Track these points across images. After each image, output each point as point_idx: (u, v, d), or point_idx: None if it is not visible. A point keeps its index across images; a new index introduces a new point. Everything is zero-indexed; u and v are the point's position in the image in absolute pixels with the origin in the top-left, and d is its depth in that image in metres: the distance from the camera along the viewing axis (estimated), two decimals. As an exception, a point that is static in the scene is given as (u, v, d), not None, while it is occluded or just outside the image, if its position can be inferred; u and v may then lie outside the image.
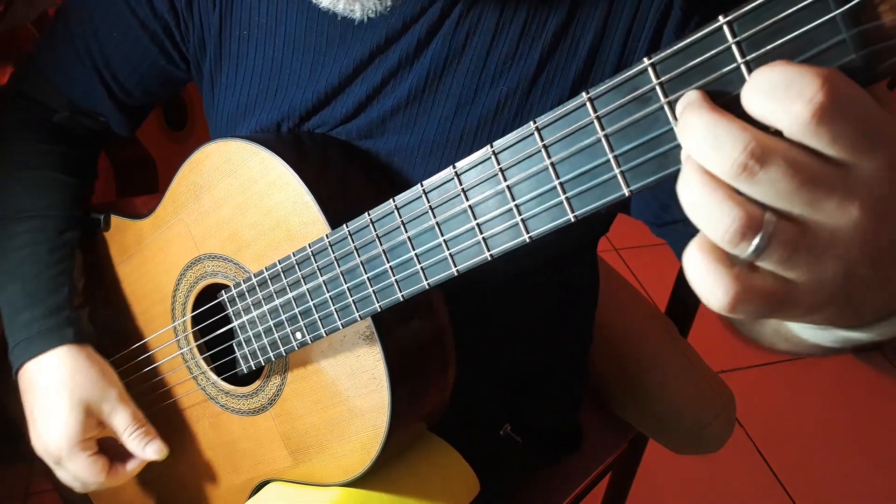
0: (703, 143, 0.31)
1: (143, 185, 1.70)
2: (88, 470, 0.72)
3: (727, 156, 0.31)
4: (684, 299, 1.10)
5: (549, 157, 0.39)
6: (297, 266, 0.59)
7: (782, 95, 0.30)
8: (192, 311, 0.74)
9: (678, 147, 0.35)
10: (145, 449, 0.73)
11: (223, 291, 0.68)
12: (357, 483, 0.69)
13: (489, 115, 0.62)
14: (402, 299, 0.52)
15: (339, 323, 0.58)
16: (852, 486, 1.69)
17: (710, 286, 0.32)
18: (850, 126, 0.30)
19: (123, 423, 0.73)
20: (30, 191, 0.79)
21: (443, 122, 0.63)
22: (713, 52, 0.33)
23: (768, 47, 0.32)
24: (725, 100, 0.33)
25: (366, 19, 0.59)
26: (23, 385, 0.75)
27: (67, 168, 0.81)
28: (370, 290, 0.54)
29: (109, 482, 0.74)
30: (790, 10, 0.31)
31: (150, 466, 0.87)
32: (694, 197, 0.32)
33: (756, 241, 0.31)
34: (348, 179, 0.64)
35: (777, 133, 0.31)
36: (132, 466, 0.75)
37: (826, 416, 1.85)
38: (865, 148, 0.31)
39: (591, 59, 0.58)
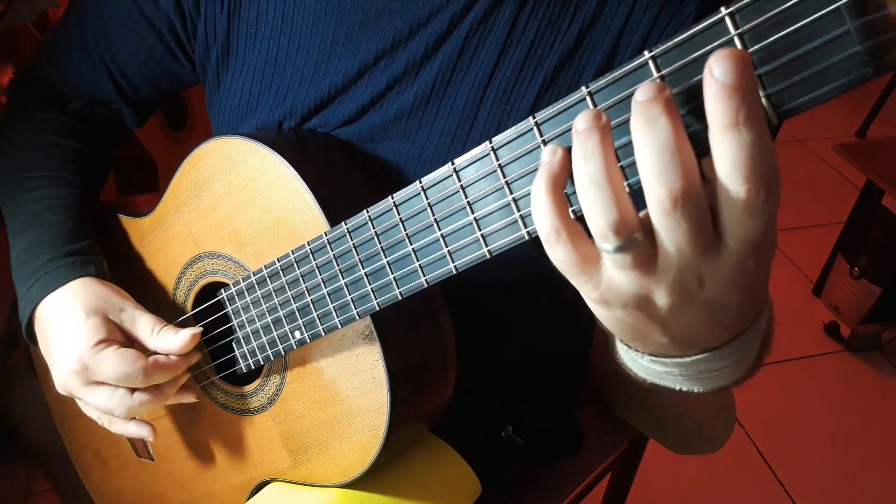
0: (657, 159, 0.33)
1: (143, 185, 1.70)
2: (122, 361, 0.64)
3: (667, 185, 0.33)
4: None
5: None
6: (295, 264, 0.58)
7: (745, 167, 0.32)
8: (193, 309, 0.74)
9: None
10: (178, 335, 0.67)
11: (223, 290, 0.68)
12: (356, 484, 0.68)
13: (489, 133, 0.61)
14: (400, 297, 0.52)
15: (337, 321, 0.57)
16: (852, 486, 1.68)
17: (546, 220, 0.37)
18: (764, 223, 0.34)
19: (148, 324, 0.68)
20: (50, 153, 0.79)
21: (444, 134, 0.63)
22: (715, 44, 0.32)
23: (771, 38, 0.31)
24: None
25: None
26: (38, 326, 0.71)
27: (85, 142, 0.82)
28: (368, 288, 0.53)
29: (154, 371, 0.65)
30: (793, 1, 0.30)
31: (151, 466, 0.87)
32: (596, 176, 0.35)
33: (619, 243, 0.35)
34: (348, 178, 0.64)
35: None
36: (170, 358, 0.67)
37: (826, 416, 1.85)
38: (755, 247, 0.35)
39: None
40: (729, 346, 0.44)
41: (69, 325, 0.67)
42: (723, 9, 0.32)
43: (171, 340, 0.67)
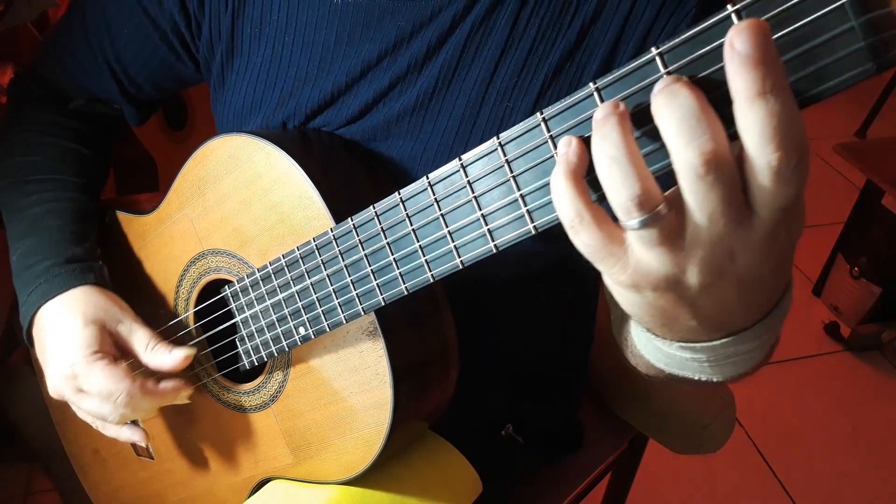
0: (683, 124, 0.33)
1: (143, 185, 1.70)
2: (109, 376, 0.65)
3: (698, 148, 0.33)
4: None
5: (556, 147, 0.39)
6: (301, 260, 0.59)
7: (775, 135, 0.32)
8: (195, 306, 0.74)
9: None
10: (172, 353, 0.67)
11: (226, 287, 0.68)
12: (358, 481, 0.69)
13: (492, 132, 0.62)
14: (406, 292, 0.52)
15: (342, 317, 0.57)
16: (852, 486, 1.69)
17: (568, 206, 0.37)
18: (795, 189, 0.33)
19: (143, 338, 0.69)
20: (51, 156, 0.79)
21: (447, 133, 0.63)
22: (722, 40, 0.33)
23: (776, 35, 0.32)
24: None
25: None
26: (37, 331, 0.71)
27: (86, 143, 0.82)
28: (374, 283, 0.54)
29: (140, 395, 0.66)
30: None
31: (150, 465, 0.87)
32: (615, 153, 0.35)
33: (644, 217, 0.35)
34: (353, 176, 0.64)
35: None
36: (165, 385, 0.68)
37: (826, 416, 1.85)
38: (786, 215, 0.34)
39: None
40: (759, 325, 0.43)
41: (66, 332, 0.68)
42: (729, 6, 0.32)
43: (164, 358, 0.68)
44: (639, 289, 0.39)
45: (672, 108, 0.33)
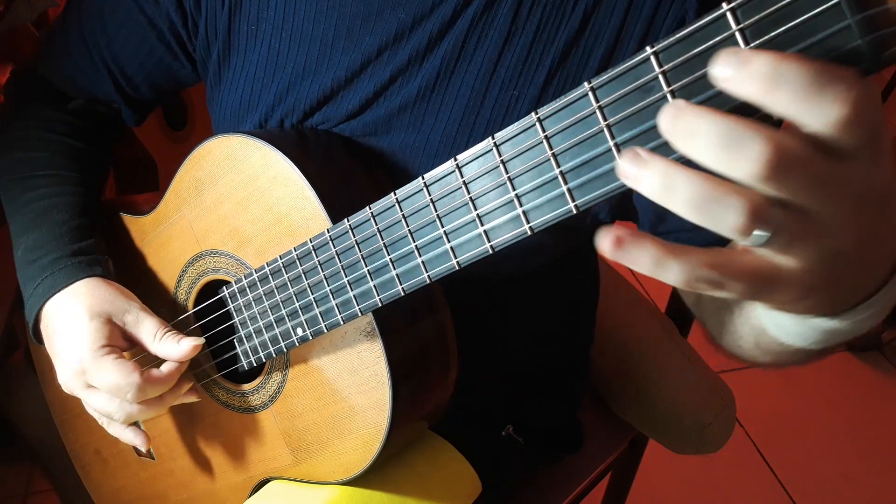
0: (719, 146, 0.30)
1: (143, 185, 1.70)
2: (118, 371, 0.64)
3: (752, 160, 0.30)
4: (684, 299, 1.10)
5: (551, 147, 0.39)
6: (298, 261, 0.59)
7: (819, 93, 0.29)
8: (194, 307, 0.74)
9: None
10: (181, 343, 0.66)
11: (224, 287, 0.68)
12: (358, 482, 0.69)
13: (497, 120, 0.61)
14: (402, 293, 0.52)
15: (339, 317, 0.57)
16: (852, 486, 1.69)
17: (705, 270, 0.33)
18: (869, 126, 0.30)
19: (151, 328, 0.68)
20: (51, 151, 0.79)
21: (450, 123, 0.63)
22: (717, 39, 0.32)
23: (772, 34, 0.31)
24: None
25: None
26: (44, 326, 0.71)
27: (85, 139, 0.82)
28: (371, 284, 0.54)
29: (147, 386, 0.65)
30: None
31: (151, 465, 0.87)
32: (697, 193, 0.31)
33: (763, 231, 0.32)
34: (350, 175, 0.64)
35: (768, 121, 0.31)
36: (168, 368, 0.67)
37: (826, 416, 1.85)
38: (872, 147, 0.31)
39: (602, 70, 0.59)
40: None
41: (73, 326, 0.67)
42: (724, 4, 0.32)
43: (172, 348, 0.67)
44: (812, 290, 0.36)
45: (698, 136, 0.31)
